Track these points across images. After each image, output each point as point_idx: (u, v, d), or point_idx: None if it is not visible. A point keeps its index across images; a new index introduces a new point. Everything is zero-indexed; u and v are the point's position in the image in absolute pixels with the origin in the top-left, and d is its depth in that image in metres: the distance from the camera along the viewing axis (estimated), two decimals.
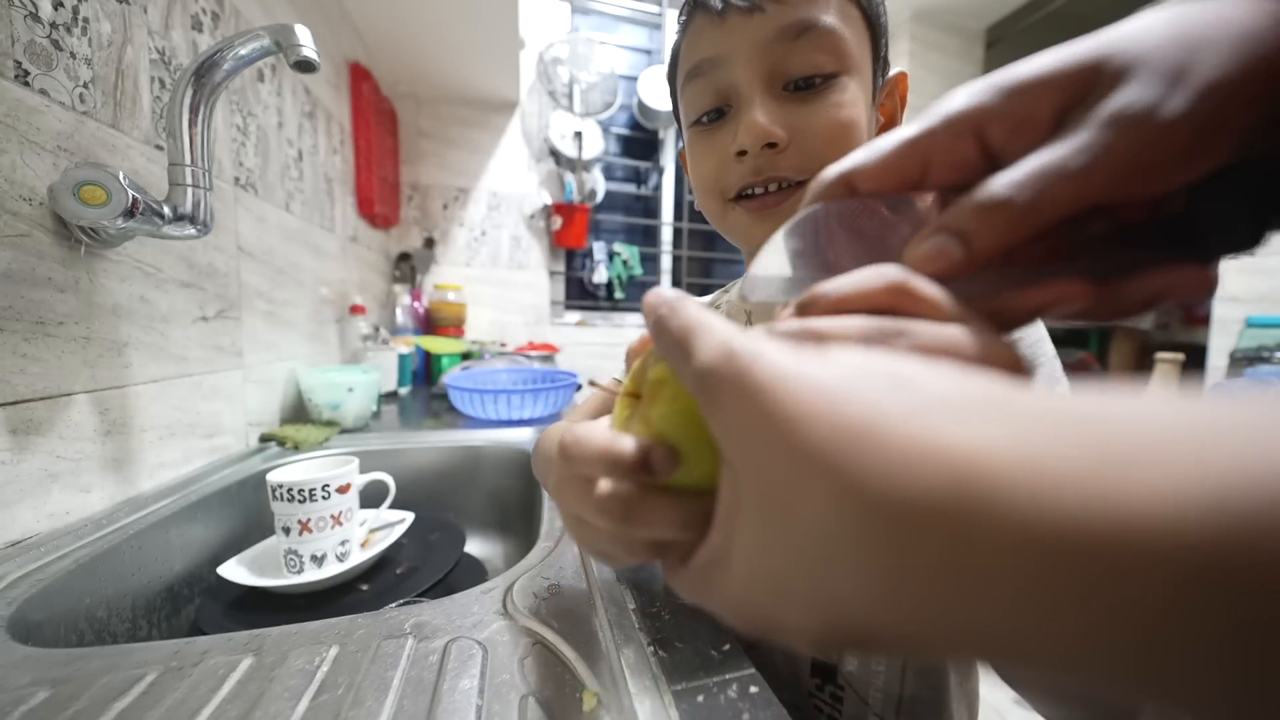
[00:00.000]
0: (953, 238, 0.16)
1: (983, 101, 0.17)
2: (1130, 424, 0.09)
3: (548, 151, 1.93)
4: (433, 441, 0.80)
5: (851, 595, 0.11)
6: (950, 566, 0.09)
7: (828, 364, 0.12)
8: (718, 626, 0.31)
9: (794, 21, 0.35)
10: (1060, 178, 0.15)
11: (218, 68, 0.47)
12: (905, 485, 0.10)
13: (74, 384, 0.46)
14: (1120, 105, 0.15)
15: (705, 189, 0.41)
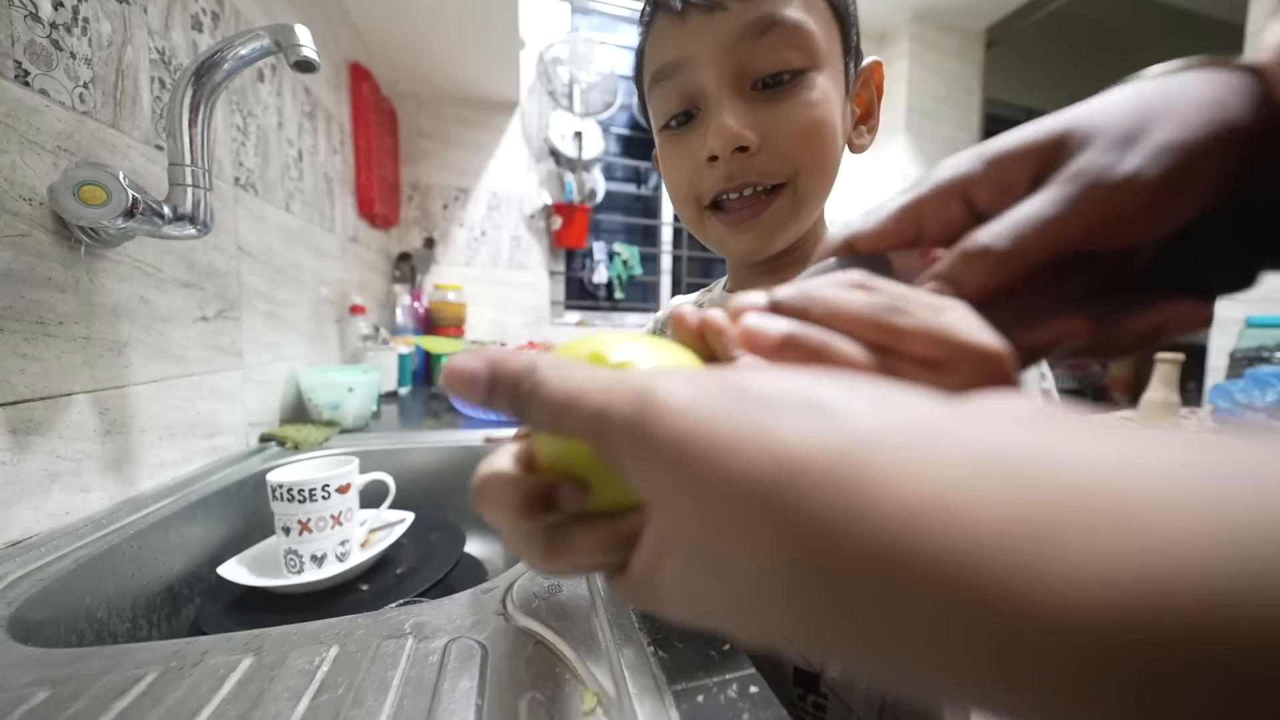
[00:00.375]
0: (945, 284, 0.18)
1: (968, 170, 0.19)
2: (1061, 477, 0.08)
3: (548, 151, 1.93)
4: (433, 441, 0.80)
5: (785, 634, 0.11)
6: (878, 620, 0.09)
7: (736, 406, 0.11)
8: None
9: (757, 18, 0.34)
10: (1032, 226, 0.17)
11: (218, 68, 0.47)
12: (835, 542, 0.09)
13: (74, 384, 0.46)
14: (1079, 166, 0.17)
15: (680, 196, 0.41)
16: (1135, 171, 0.16)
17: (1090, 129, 0.17)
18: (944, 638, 0.08)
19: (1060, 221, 0.17)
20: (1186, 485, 0.07)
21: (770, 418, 0.10)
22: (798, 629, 0.10)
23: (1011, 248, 0.17)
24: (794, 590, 0.10)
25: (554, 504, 0.17)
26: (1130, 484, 0.07)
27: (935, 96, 2.20)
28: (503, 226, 1.93)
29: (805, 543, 0.09)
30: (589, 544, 0.17)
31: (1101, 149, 0.17)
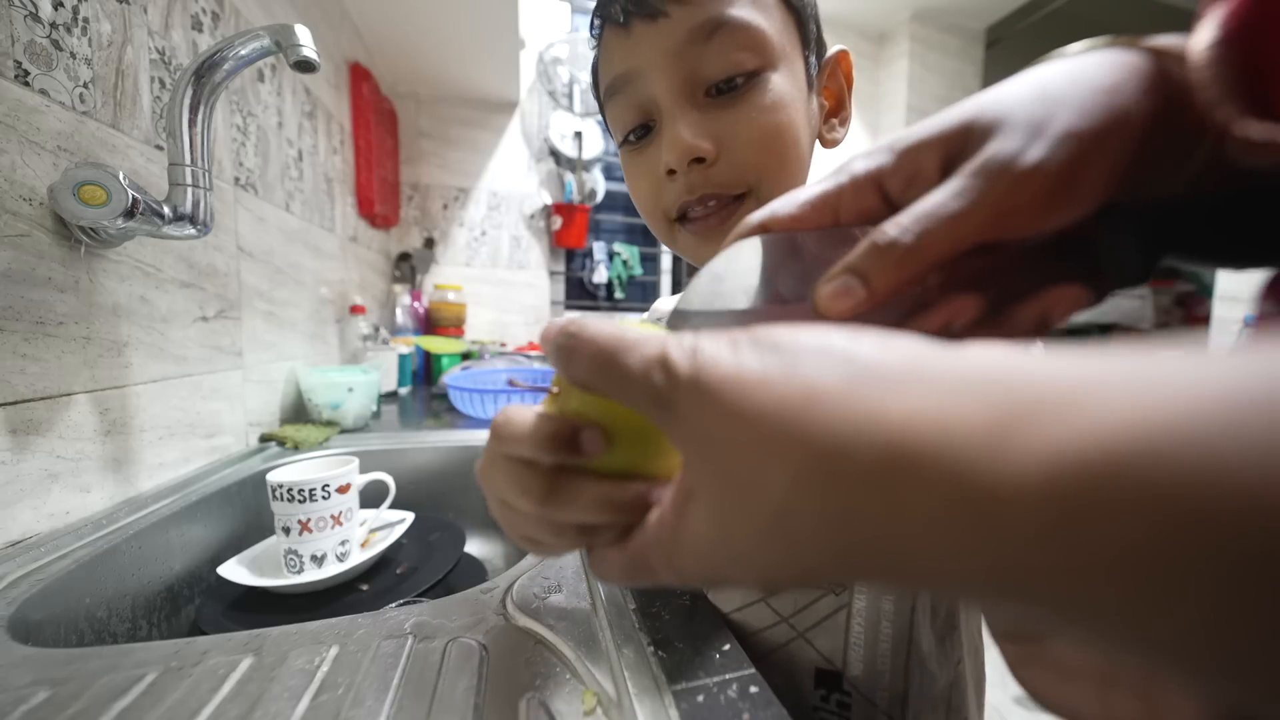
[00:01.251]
0: (854, 277, 0.18)
1: (880, 161, 0.20)
2: (1025, 385, 0.10)
3: (548, 151, 1.93)
4: (433, 441, 0.80)
5: (806, 552, 0.12)
6: (887, 517, 0.11)
7: (766, 355, 0.13)
8: (718, 626, 0.31)
9: (701, 22, 0.33)
10: (935, 220, 0.17)
11: (218, 68, 0.47)
12: (849, 452, 0.11)
13: (74, 384, 0.46)
14: (985, 156, 0.17)
15: (647, 211, 0.40)
16: (1038, 162, 0.16)
17: (995, 117, 0.17)
18: (938, 524, 0.10)
19: (964, 215, 0.17)
20: (1109, 388, 0.09)
21: (794, 361, 0.13)
22: (817, 543, 0.12)
23: (916, 243, 0.17)
24: (818, 499, 0.12)
25: (576, 445, 0.18)
26: (1074, 387, 0.09)
27: (935, 96, 2.20)
28: (503, 226, 1.93)
29: (826, 454, 0.11)
30: (590, 497, 0.18)
31: (1005, 139, 0.17)
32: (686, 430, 0.14)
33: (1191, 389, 0.08)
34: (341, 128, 1.23)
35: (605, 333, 0.16)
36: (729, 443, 0.13)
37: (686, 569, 0.16)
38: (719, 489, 0.14)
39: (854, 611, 0.34)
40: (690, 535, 0.15)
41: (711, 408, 0.13)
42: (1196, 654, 0.08)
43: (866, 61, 2.34)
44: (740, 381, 0.13)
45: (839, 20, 2.25)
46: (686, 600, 0.34)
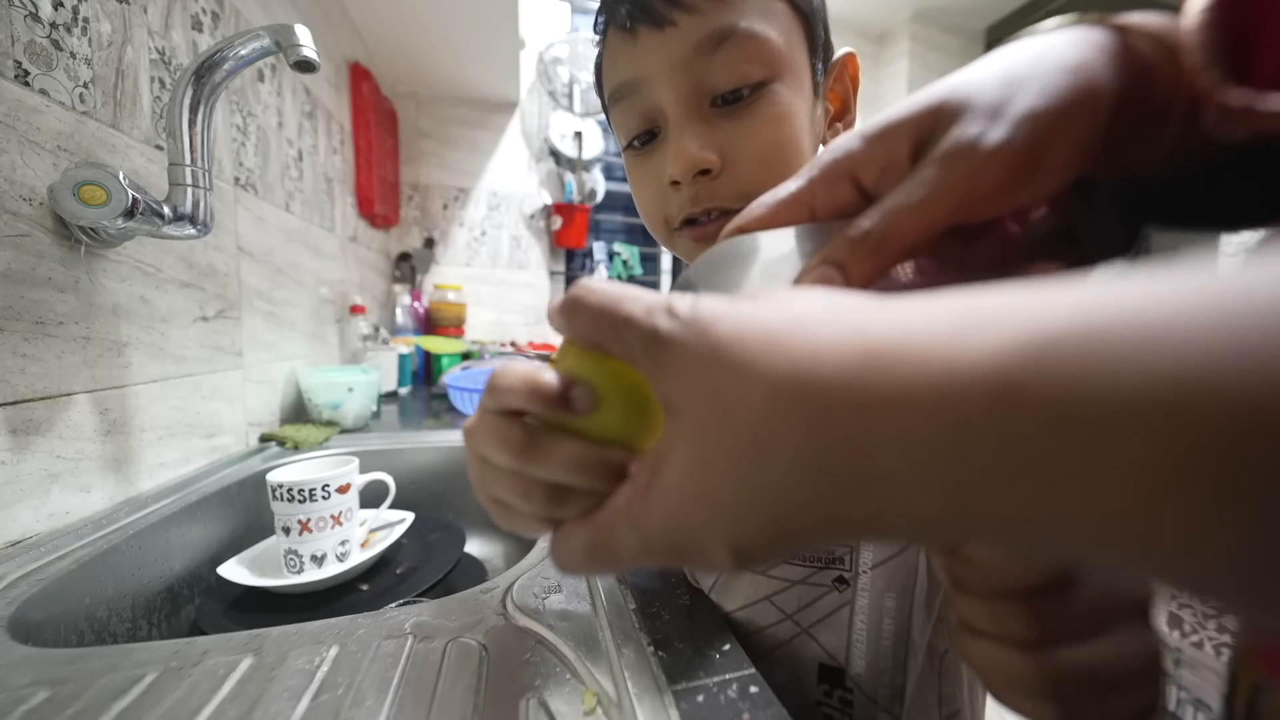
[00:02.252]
0: (833, 268, 0.19)
1: (851, 150, 0.20)
2: (981, 302, 0.11)
3: (548, 151, 1.93)
4: (433, 441, 0.80)
5: (781, 488, 0.13)
6: (856, 422, 0.11)
7: (761, 301, 0.15)
8: (718, 626, 0.31)
9: (710, 32, 0.32)
10: (906, 211, 0.18)
11: (218, 68, 0.47)
12: (824, 359, 0.12)
13: (74, 384, 0.46)
14: (949, 142, 0.17)
15: (649, 217, 0.40)
16: (999, 144, 0.16)
17: (962, 100, 0.18)
18: (905, 414, 0.11)
19: (931, 202, 0.17)
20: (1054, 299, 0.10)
21: (785, 301, 0.14)
22: (793, 474, 0.12)
23: (886, 233, 0.18)
24: (793, 416, 0.12)
25: (566, 400, 0.18)
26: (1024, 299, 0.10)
27: None
28: (503, 226, 1.93)
29: (802, 368, 0.12)
30: (567, 453, 0.18)
31: (968, 123, 0.17)
32: (676, 366, 0.15)
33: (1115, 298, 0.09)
34: (341, 128, 1.23)
35: (611, 287, 0.17)
36: (715, 370, 0.14)
37: (653, 529, 0.16)
38: (699, 422, 0.14)
39: (857, 609, 0.35)
40: (662, 487, 0.15)
41: (704, 339, 0.14)
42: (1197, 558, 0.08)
43: (866, 61, 2.34)
44: (735, 316, 0.14)
45: (839, 20, 2.25)
46: (686, 600, 0.34)
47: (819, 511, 0.12)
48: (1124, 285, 0.09)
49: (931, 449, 0.10)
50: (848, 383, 0.11)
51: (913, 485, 0.11)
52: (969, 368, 0.10)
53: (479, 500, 0.22)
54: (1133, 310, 0.09)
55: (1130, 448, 0.08)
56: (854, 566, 0.35)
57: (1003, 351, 0.10)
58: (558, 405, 0.18)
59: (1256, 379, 0.07)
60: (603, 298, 0.17)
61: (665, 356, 0.15)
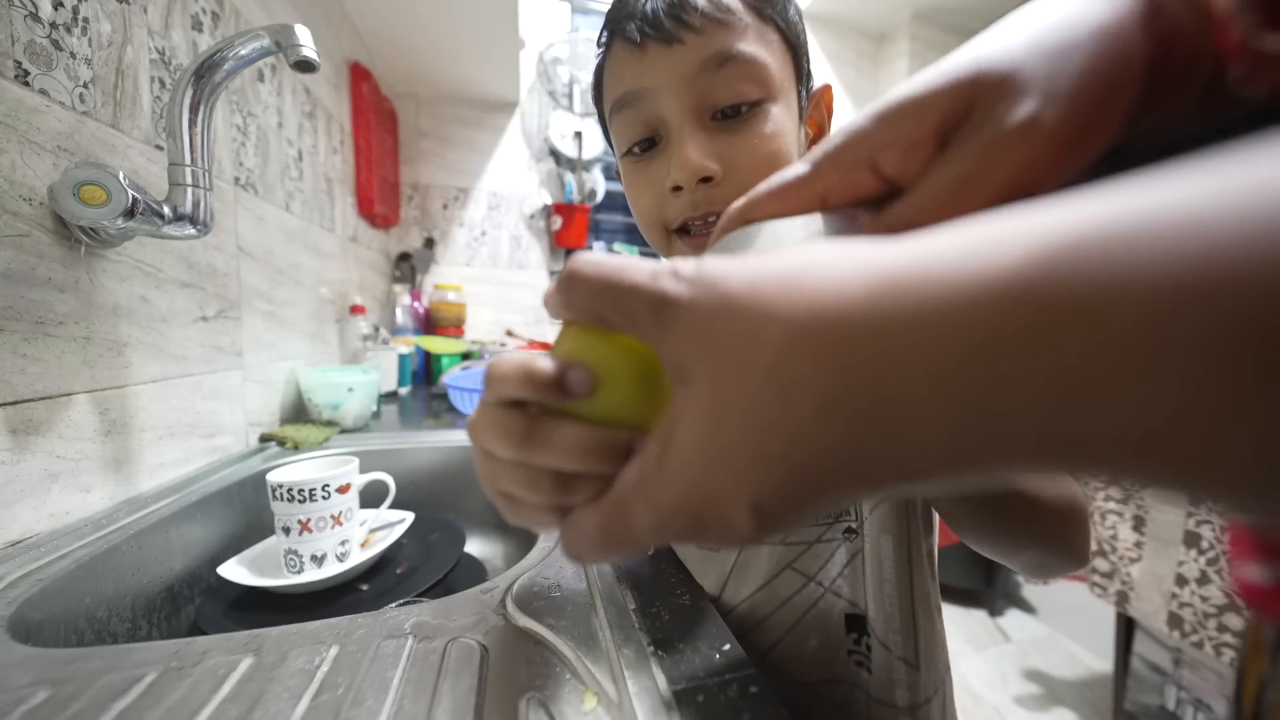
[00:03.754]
0: None
1: (867, 132, 0.18)
2: (991, 222, 0.11)
3: (548, 151, 1.93)
4: (433, 441, 0.80)
5: (802, 437, 0.12)
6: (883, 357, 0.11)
7: (767, 256, 0.14)
8: (718, 626, 0.31)
9: (714, 53, 0.35)
10: (950, 204, 0.16)
11: (218, 68, 0.47)
12: (843, 296, 0.12)
13: (74, 384, 0.46)
14: (999, 124, 0.16)
15: (647, 221, 0.41)
16: (1057, 124, 0.15)
17: (1003, 74, 0.16)
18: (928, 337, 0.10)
19: (977, 190, 0.16)
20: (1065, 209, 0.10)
21: (792, 252, 0.14)
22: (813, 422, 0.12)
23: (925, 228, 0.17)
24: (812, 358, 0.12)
25: (563, 384, 0.17)
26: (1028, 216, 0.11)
27: None
28: (503, 226, 1.93)
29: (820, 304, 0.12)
30: (570, 438, 0.17)
31: (1019, 101, 0.16)
32: (687, 326, 0.14)
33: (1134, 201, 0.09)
34: (341, 128, 1.24)
35: (611, 258, 0.17)
36: (730, 320, 0.13)
37: (670, 499, 0.15)
38: (715, 376, 0.14)
39: (866, 554, 0.37)
40: (677, 454, 0.15)
41: (716, 292, 0.14)
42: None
43: (866, 62, 2.34)
44: (746, 268, 0.14)
45: (839, 20, 2.25)
46: (687, 600, 0.34)
47: (843, 454, 0.12)
48: (1141, 189, 0.09)
49: (958, 365, 0.10)
50: (866, 311, 0.11)
51: (940, 411, 0.10)
52: (992, 277, 0.10)
53: (487, 495, 0.21)
54: (1155, 209, 0.09)
55: (1170, 334, 0.08)
56: (859, 514, 0.38)
57: (1025, 258, 0.10)
58: (555, 390, 0.17)
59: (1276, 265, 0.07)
60: (603, 267, 0.16)
61: (674, 318, 0.14)
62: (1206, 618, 0.95)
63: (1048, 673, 1.52)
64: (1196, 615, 0.96)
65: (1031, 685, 1.47)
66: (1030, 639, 1.68)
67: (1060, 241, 0.09)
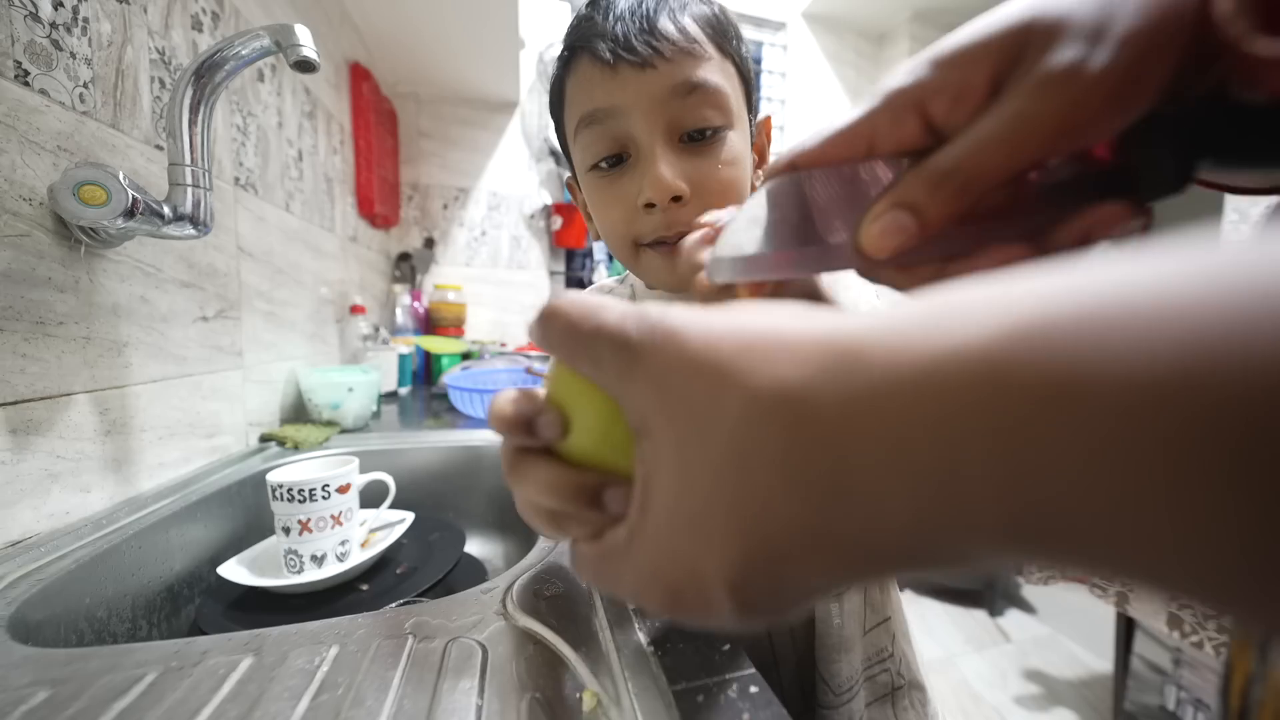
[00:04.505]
0: (905, 211, 0.17)
1: (920, 77, 0.18)
2: (955, 296, 0.11)
3: (548, 151, 1.93)
4: (433, 441, 0.80)
5: (771, 492, 0.12)
6: (844, 429, 0.11)
7: (730, 311, 0.14)
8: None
9: (682, 80, 0.37)
10: (998, 146, 0.16)
11: (218, 68, 0.47)
12: (803, 365, 0.11)
13: (74, 384, 0.46)
14: (1049, 67, 0.15)
15: (615, 236, 0.43)
16: (1105, 68, 0.15)
17: (1055, 19, 0.16)
18: (884, 403, 0.10)
19: (1025, 135, 0.16)
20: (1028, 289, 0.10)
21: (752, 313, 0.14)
22: (790, 506, 0.12)
23: (976, 170, 0.16)
24: (771, 425, 0.12)
25: (534, 429, 0.18)
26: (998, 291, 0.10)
27: None
28: (503, 226, 1.93)
29: (779, 375, 0.12)
30: (542, 477, 0.18)
31: (1068, 44, 0.15)
32: (646, 377, 0.14)
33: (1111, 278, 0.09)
34: (341, 128, 1.23)
35: (587, 299, 0.17)
36: (689, 379, 0.13)
37: (646, 567, 0.15)
38: (675, 437, 0.14)
39: None
40: (650, 518, 0.15)
41: (675, 345, 0.14)
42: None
43: (866, 62, 2.34)
44: (705, 323, 0.14)
45: (839, 20, 2.25)
46: None
47: (809, 529, 0.12)
48: (1119, 266, 0.09)
49: (918, 442, 0.10)
50: (826, 381, 0.11)
51: (904, 488, 0.10)
52: (953, 351, 0.09)
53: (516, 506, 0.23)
54: (1133, 291, 0.08)
55: (1137, 427, 0.08)
56: None
57: (991, 334, 0.09)
58: (526, 435, 0.18)
59: (1265, 359, 0.07)
60: (574, 309, 0.16)
61: (633, 366, 0.14)
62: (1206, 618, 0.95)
63: (1048, 673, 1.52)
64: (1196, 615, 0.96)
65: (1031, 685, 1.47)
66: (1030, 639, 1.68)
67: (1029, 319, 0.09)
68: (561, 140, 0.47)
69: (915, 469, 0.10)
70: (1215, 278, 0.08)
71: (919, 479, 0.10)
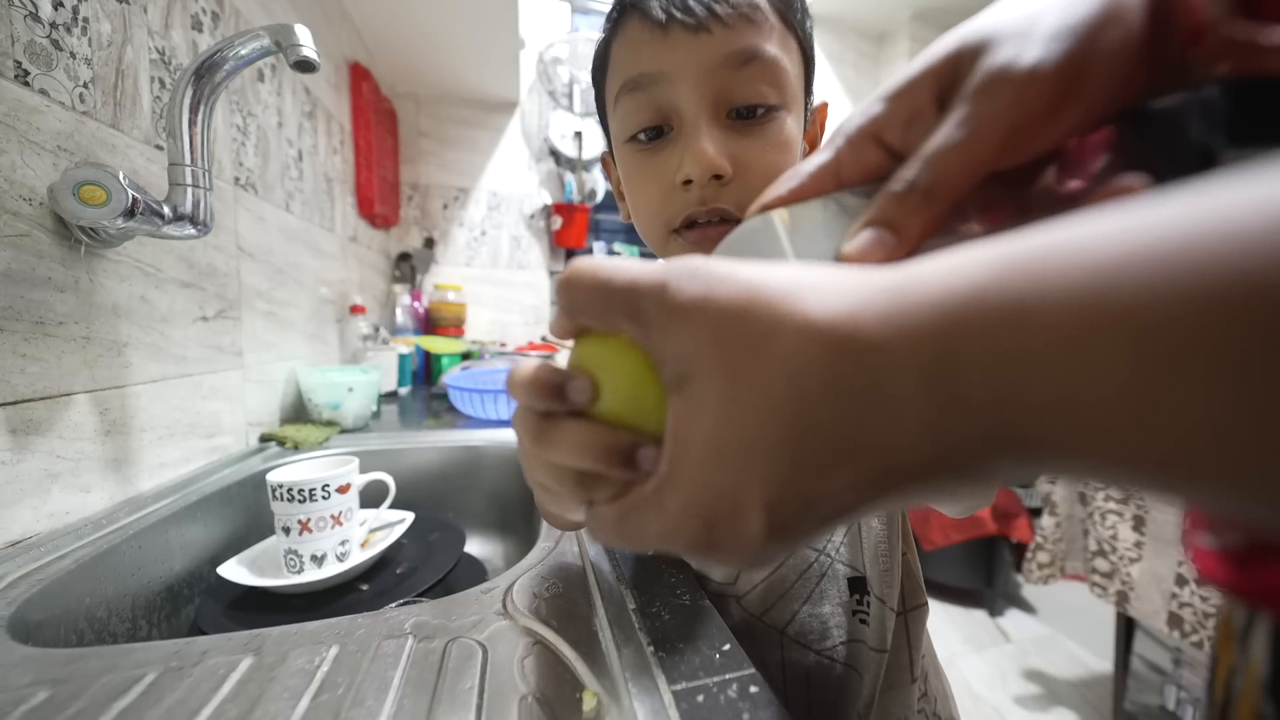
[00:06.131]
0: (882, 228, 0.18)
1: (872, 114, 0.20)
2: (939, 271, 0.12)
3: (548, 151, 1.93)
4: (433, 441, 0.80)
5: (814, 408, 0.13)
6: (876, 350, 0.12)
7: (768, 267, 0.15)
8: (718, 626, 0.31)
9: (740, 49, 0.34)
10: (950, 151, 0.17)
11: (218, 68, 0.47)
12: (848, 302, 0.13)
13: (74, 384, 0.46)
14: (981, 74, 0.17)
15: (648, 215, 0.40)
16: (1034, 64, 0.16)
17: (983, 36, 0.17)
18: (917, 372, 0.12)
19: (976, 137, 0.16)
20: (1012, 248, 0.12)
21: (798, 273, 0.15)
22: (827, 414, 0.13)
23: (935, 180, 0.17)
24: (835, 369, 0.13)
25: (564, 394, 0.18)
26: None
27: None
28: (503, 226, 1.93)
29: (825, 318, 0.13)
30: (574, 438, 0.18)
31: (996, 51, 0.16)
32: (693, 324, 0.15)
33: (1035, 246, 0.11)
34: (341, 128, 1.24)
35: (610, 259, 0.17)
36: (741, 319, 0.14)
37: (679, 504, 0.16)
38: (726, 372, 0.14)
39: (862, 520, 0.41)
40: (686, 455, 0.15)
41: (726, 291, 0.14)
42: None
43: (866, 62, 2.34)
44: (749, 272, 0.15)
45: (839, 20, 2.25)
46: (687, 600, 0.34)
47: (848, 436, 0.13)
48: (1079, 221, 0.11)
49: (935, 357, 0.12)
50: (869, 309, 0.13)
51: (924, 397, 0.12)
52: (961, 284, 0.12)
53: (530, 485, 0.23)
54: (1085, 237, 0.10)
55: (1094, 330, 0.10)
56: None
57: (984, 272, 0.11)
58: (558, 399, 0.18)
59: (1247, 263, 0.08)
60: (602, 267, 0.17)
61: (681, 313, 0.15)
62: (1206, 618, 0.95)
63: (1048, 673, 1.52)
64: (1196, 615, 0.96)
65: (1031, 685, 1.47)
66: (1030, 639, 1.68)
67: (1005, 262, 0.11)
68: (600, 109, 0.43)
69: (933, 381, 0.12)
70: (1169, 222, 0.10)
71: (936, 389, 0.12)
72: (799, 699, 0.38)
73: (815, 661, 0.39)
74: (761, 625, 0.39)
